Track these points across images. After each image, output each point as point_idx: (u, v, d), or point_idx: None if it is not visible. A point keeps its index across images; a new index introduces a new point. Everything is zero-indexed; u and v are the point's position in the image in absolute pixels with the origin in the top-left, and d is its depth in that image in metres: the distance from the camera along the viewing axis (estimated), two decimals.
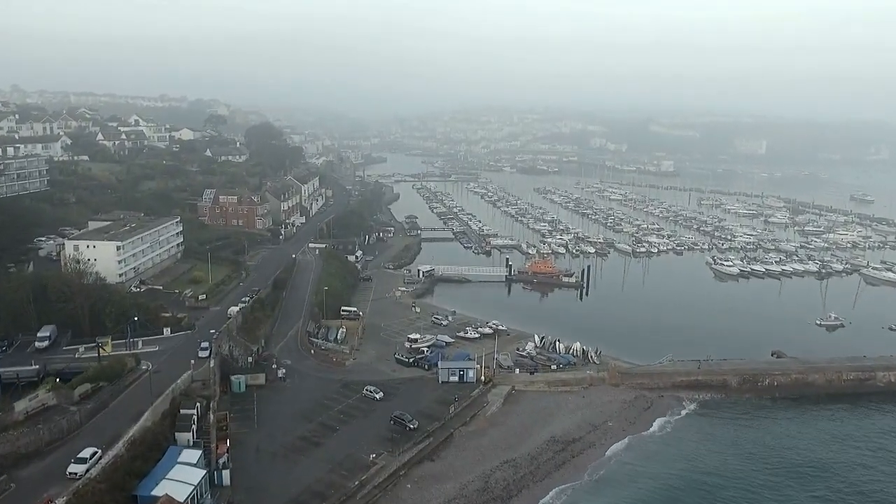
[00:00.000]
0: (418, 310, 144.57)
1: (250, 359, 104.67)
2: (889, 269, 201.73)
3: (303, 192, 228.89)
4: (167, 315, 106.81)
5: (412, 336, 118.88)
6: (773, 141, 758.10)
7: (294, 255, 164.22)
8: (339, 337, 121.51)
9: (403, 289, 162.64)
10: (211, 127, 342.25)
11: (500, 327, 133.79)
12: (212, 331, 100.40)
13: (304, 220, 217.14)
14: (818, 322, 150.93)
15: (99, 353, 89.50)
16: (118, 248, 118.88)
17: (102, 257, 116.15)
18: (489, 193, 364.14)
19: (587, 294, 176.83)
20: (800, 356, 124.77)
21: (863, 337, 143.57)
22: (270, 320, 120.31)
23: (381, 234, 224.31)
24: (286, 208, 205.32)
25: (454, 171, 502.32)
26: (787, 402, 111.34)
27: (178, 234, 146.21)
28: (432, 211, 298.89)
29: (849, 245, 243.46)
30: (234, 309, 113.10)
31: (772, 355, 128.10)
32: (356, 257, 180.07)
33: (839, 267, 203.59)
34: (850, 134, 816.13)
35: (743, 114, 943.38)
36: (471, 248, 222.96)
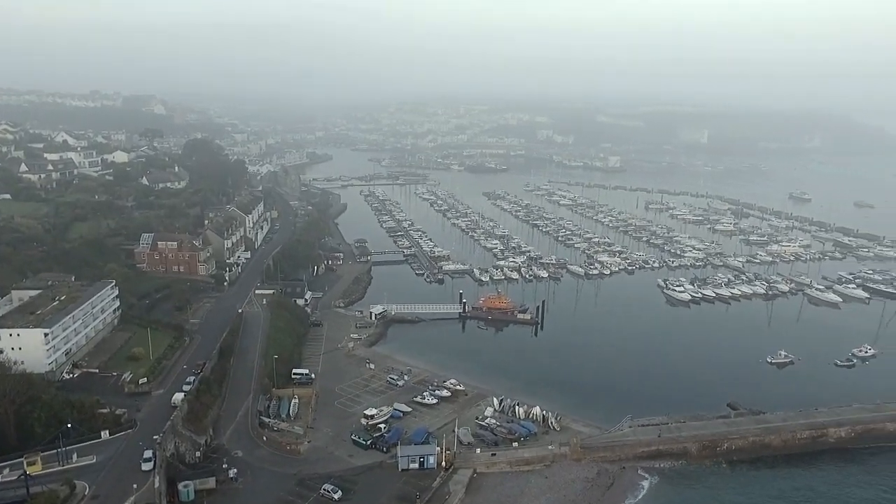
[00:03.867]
0: (372, 366, 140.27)
1: (198, 453, 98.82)
2: (830, 289, 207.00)
3: (247, 222, 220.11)
4: (105, 411, 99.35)
5: (368, 412, 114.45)
6: (715, 130, 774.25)
7: (240, 309, 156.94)
8: (291, 411, 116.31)
9: (356, 336, 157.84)
10: (147, 142, 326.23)
11: (458, 387, 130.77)
12: (155, 437, 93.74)
13: (249, 255, 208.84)
14: (769, 360, 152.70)
15: (27, 483, 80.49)
16: (46, 335, 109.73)
17: (28, 346, 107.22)
18: (438, 201, 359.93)
19: (542, 329, 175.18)
20: (754, 408, 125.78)
21: (813, 375, 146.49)
22: (218, 401, 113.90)
23: (329, 263, 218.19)
24: (230, 245, 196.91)
25: (402, 170, 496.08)
26: (745, 465, 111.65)
27: (114, 297, 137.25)
28: (381, 226, 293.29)
29: (791, 258, 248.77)
30: (178, 396, 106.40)
31: (727, 406, 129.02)
32: (305, 300, 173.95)
33: (784, 288, 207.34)
34: (786, 123, 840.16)
35: (686, 103, 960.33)
36: (422, 274, 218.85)
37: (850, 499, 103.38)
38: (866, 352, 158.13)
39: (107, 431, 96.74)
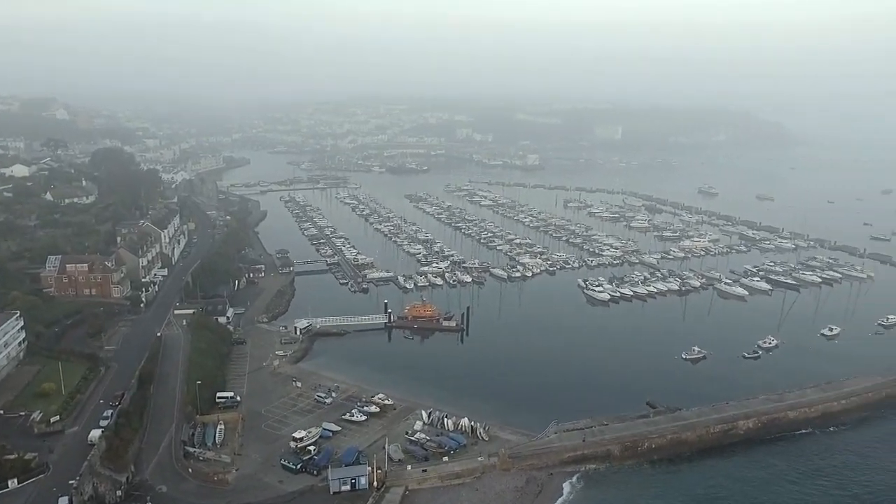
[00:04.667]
0: (299, 384, 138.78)
1: (119, 492, 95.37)
2: (737, 283, 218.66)
3: (163, 238, 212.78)
4: (11, 457, 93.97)
5: (297, 435, 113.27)
6: (629, 127, 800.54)
7: (159, 332, 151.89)
8: (217, 438, 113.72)
9: (281, 352, 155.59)
10: (50, 152, 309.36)
11: (387, 401, 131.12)
12: (71, 481, 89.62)
13: (166, 273, 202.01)
14: (684, 356, 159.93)
15: None
16: None
17: None
18: (360, 205, 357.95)
19: (468, 335, 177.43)
20: (672, 405, 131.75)
21: (723, 369, 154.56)
22: (139, 433, 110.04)
23: (251, 276, 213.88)
24: (146, 263, 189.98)
25: (322, 173, 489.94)
26: (665, 463, 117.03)
27: (19, 329, 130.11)
28: (303, 234, 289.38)
29: (702, 253, 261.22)
30: (95, 433, 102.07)
31: (647, 405, 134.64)
32: (227, 318, 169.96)
33: (696, 283, 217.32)
34: (694, 118, 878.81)
35: (601, 100, 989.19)
36: (347, 284, 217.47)
37: (756, 486, 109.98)
38: (770, 343, 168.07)
39: (15, 480, 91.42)
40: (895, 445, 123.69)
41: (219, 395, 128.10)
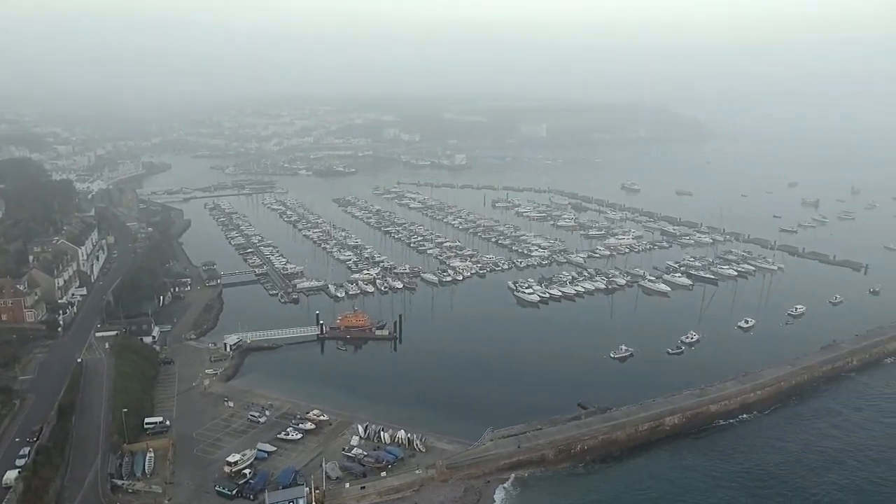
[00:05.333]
0: (231, 404, 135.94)
1: None
2: (660, 279, 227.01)
3: (80, 255, 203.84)
4: None
5: (231, 458, 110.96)
6: (553, 124, 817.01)
7: (79, 358, 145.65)
8: (147, 467, 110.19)
9: (211, 371, 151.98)
10: None
11: (322, 417, 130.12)
12: None
13: (85, 292, 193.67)
14: (612, 355, 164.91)
15: None
16: None
17: None
18: (288, 212, 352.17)
19: (401, 343, 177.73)
20: (602, 405, 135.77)
21: (650, 366, 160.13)
22: (61, 470, 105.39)
23: (176, 290, 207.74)
24: (62, 283, 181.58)
25: (248, 178, 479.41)
26: (597, 463, 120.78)
27: None
28: (230, 243, 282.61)
29: (626, 250, 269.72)
30: (11, 474, 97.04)
31: (578, 406, 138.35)
32: (153, 337, 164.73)
33: (622, 281, 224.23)
34: (615, 114, 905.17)
35: (526, 98, 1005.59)
36: (276, 294, 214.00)
37: (681, 479, 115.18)
38: (692, 338, 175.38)
39: None
40: (805, 429, 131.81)
41: (147, 420, 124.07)
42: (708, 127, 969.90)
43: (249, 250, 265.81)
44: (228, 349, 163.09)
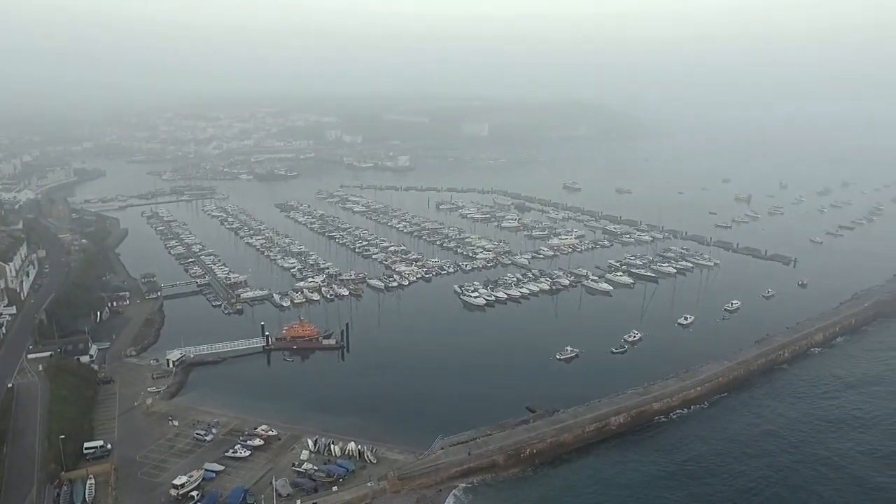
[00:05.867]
0: (176, 423, 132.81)
1: None
2: (602, 278, 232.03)
3: (7, 272, 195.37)
4: None
5: (177, 481, 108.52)
6: (495, 123, 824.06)
7: (10, 383, 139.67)
8: (87, 495, 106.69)
9: (153, 389, 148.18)
10: None
11: (271, 432, 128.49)
12: None
13: (14, 311, 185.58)
14: (558, 356, 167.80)
15: None
16: None
17: None
18: (229, 218, 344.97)
19: (348, 352, 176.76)
20: (550, 408, 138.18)
21: (595, 366, 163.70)
22: None
23: (114, 305, 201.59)
24: None
25: (186, 184, 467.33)
26: (546, 466, 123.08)
27: None
28: (170, 252, 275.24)
29: (569, 250, 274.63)
30: None
31: (526, 409, 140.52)
32: (91, 356, 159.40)
33: (566, 281, 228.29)
34: (559, 112, 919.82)
35: (467, 97, 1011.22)
36: (220, 305, 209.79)
37: (627, 477, 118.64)
38: (634, 336, 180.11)
39: None
40: (739, 422, 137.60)
41: (86, 445, 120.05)
42: (645, 124, 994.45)
43: (190, 260, 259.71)
44: (171, 365, 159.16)
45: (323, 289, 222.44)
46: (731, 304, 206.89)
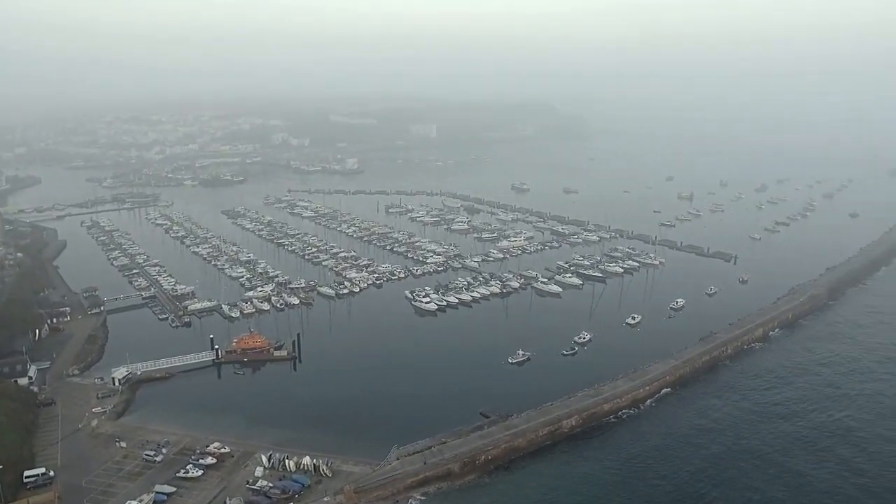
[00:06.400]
0: (123, 444, 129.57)
1: None
2: (552, 280, 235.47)
3: None
4: None
5: None
6: (443, 124, 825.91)
7: None
8: None
9: (99, 409, 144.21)
10: None
11: (223, 449, 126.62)
12: None
13: None
14: (510, 360, 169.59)
15: None
16: None
17: None
18: (174, 227, 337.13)
19: (300, 362, 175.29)
20: (503, 413, 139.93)
21: (546, 369, 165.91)
22: None
23: (54, 322, 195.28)
24: None
25: (128, 191, 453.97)
26: (501, 472, 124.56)
27: None
28: (112, 264, 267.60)
29: (519, 252, 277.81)
30: None
31: (480, 415, 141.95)
32: (29, 378, 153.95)
33: (516, 284, 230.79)
34: (506, 112, 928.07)
35: (414, 99, 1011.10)
36: (166, 318, 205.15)
37: (579, 479, 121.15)
38: (584, 338, 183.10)
39: None
40: (683, 419, 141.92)
41: (26, 474, 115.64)
42: (591, 123, 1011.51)
43: (134, 271, 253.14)
44: (117, 383, 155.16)
45: (273, 298, 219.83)
46: (676, 302, 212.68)
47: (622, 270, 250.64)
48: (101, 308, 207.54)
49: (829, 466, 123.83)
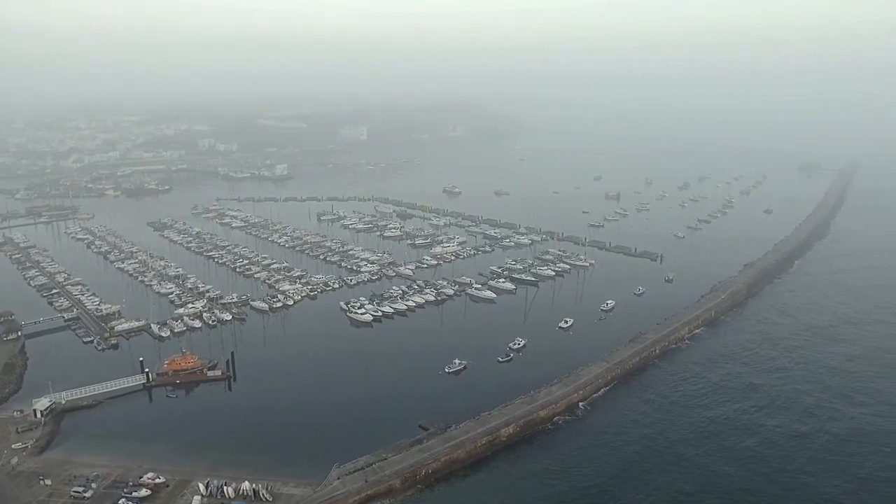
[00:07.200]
0: (48, 482, 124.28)
1: None
2: (486, 286, 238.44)
3: None
4: None
5: None
6: (373, 126, 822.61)
7: None
8: None
9: (19, 445, 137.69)
10: None
11: (158, 479, 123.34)
12: None
13: None
14: (447, 370, 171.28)
15: None
16: None
17: None
18: (97, 241, 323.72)
19: (235, 381, 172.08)
20: (442, 424, 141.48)
21: (483, 377, 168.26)
22: None
23: None
24: None
25: (45, 203, 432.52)
26: (442, 485, 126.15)
27: None
28: (29, 284, 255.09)
29: (452, 258, 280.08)
30: None
31: (420, 427, 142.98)
32: None
33: (450, 291, 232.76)
34: (436, 113, 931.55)
35: (344, 101, 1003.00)
36: (92, 341, 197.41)
37: (518, 487, 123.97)
38: (519, 344, 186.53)
39: None
40: (616, 423, 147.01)
41: None
42: (520, 123, 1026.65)
43: (55, 291, 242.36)
44: (39, 415, 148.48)
45: (205, 314, 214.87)
46: (607, 303, 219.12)
47: (554, 273, 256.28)
48: (19, 333, 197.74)
49: (742, 460, 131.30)
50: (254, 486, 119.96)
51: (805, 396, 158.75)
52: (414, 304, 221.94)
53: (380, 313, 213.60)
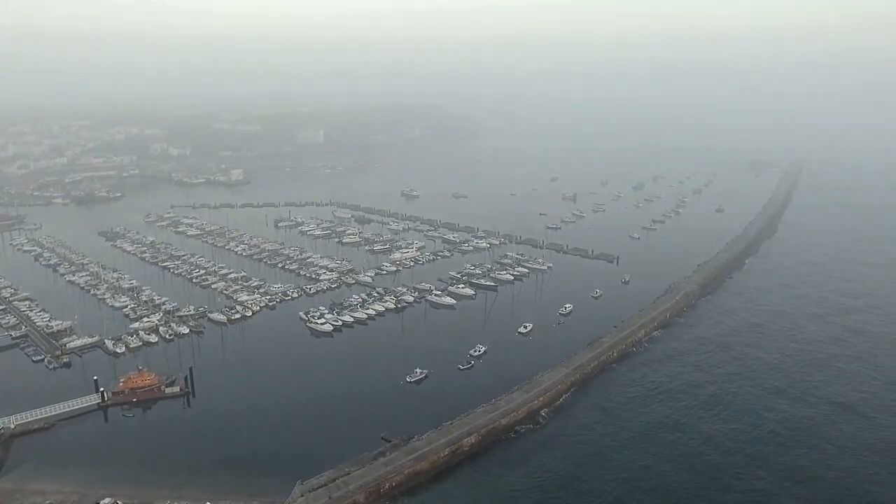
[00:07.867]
0: None
1: None
2: (445, 292, 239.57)
3: None
4: None
5: None
6: (330, 129, 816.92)
7: None
8: None
9: None
10: None
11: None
12: None
13: None
14: (408, 379, 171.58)
15: None
16: None
17: None
18: (45, 253, 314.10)
19: (194, 397, 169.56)
20: (404, 435, 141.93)
21: (445, 386, 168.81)
22: None
23: None
24: None
25: None
26: (406, 498, 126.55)
27: None
28: None
29: (412, 263, 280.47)
30: None
31: (382, 439, 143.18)
32: None
33: (410, 298, 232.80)
34: (392, 115, 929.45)
35: (300, 104, 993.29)
36: (42, 360, 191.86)
37: (483, 497, 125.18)
38: (479, 350, 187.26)
39: None
40: (579, 427, 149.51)
41: None
42: (478, 123, 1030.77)
43: (0, 308, 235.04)
44: None
45: (161, 328, 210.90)
46: (565, 307, 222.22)
47: (512, 278, 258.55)
48: None
49: (700, 468, 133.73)
50: None
51: (748, 395, 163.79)
52: (374, 313, 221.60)
53: (340, 323, 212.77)
